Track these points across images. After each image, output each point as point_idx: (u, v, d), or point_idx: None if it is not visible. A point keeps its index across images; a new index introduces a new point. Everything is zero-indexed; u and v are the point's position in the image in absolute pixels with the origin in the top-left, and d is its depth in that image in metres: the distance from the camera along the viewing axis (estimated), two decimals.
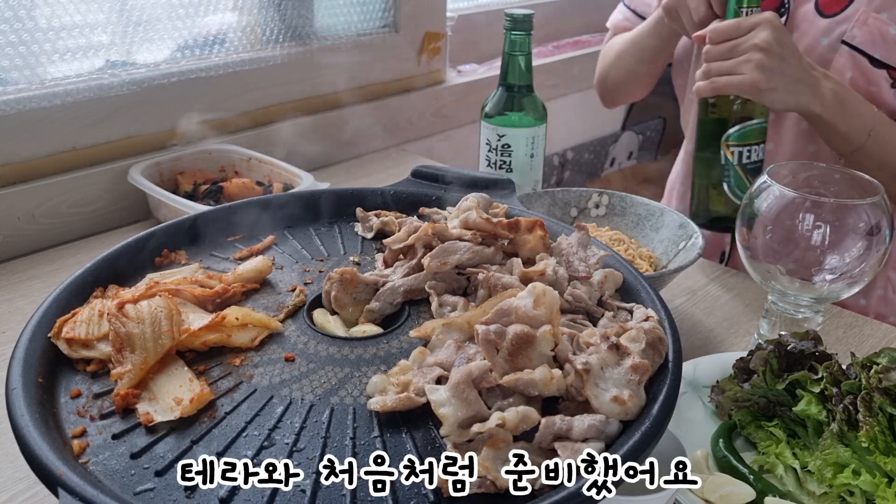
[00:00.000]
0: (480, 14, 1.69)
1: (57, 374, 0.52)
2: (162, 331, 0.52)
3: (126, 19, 1.09)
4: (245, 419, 0.48)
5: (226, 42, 1.21)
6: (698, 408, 0.72)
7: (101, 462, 0.45)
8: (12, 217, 0.99)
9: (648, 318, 0.54)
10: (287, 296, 0.61)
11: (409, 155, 1.43)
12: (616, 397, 0.46)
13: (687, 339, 0.85)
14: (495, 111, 0.99)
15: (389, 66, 1.43)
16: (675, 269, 0.78)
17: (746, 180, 0.94)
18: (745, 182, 0.94)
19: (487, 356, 0.48)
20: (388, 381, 0.49)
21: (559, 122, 1.65)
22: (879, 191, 0.70)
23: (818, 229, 0.70)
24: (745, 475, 0.62)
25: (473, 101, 1.57)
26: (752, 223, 0.74)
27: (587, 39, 1.91)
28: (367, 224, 0.72)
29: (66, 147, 1.05)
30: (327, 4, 1.32)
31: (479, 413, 0.45)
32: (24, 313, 0.83)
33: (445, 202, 0.73)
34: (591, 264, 0.61)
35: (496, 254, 0.61)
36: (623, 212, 0.94)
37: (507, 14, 0.95)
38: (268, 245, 0.70)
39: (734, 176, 0.95)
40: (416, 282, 0.60)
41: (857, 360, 0.64)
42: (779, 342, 0.67)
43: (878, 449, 0.58)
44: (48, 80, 1.02)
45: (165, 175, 1.08)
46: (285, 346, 0.55)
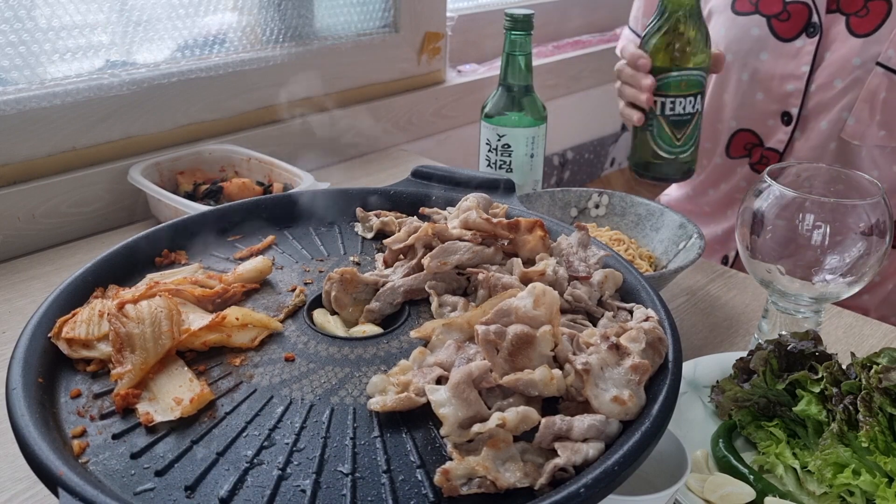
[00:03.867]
0: (480, 14, 1.68)
1: (57, 374, 0.52)
2: (162, 331, 0.52)
3: (126, 19, 1.09)
4: (245, 419, 0.48)
5: (226, 42, 1.21)
6: (698, 408, 0.72)
7: (101, 462, 0.45)
8: (12, 217, 0.99)
9: (648, 318, 0.54)
10: (287, 296, 0.61)
11: (409, 155, 1.43)
12: (616, 397, 0.46)
13: (687, 339, 0.85)
14: (495, 111, 0.99)
15: (389, 66, 1.43)
16: (675, 269, 0.78)
17: (671, 133, 0.93)
18: (668, 134, 0.93)
19: (487, 356, 0.48)
20: (389, 381, 0.49)
21: (559, 122, 1.65)
22: (879, 191, 0.70)
23: (818, 229, 0.70)
24: (745, 475, 0.62)
25: (473, 101, 1.57)
26: (751, 223, 0.74)
27: (587, 39, 1.91)
28: (367, 224, 0.72)
29: (66, 147, 1.05)
30: (327, 4, 1.32)
31: (480, 413, 0.45)
32: (24, 313, 0.83)
33: (445, 202, 0.73)
34: (591, 264, 0.61)
35: (496, 254, 0.61)
36: (623, 212, 0.94)
37: (507, 14, 0.95)
38: (268, 245, 0.70)
39: (656, 126, 0.94)
40: (416, 282, 0.60)
41: (857, 360, 0.64)
42: (779, 342, 0.67)
43: (878, 449, 0.58)
44: (48, 80, 1.02)
45: (165, 175, 1.08)
46: (285, 346, 0.55)
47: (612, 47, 1.91)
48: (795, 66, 1.04)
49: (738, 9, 1.08)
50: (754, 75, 1.08)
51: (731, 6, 1.09)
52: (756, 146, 1.13)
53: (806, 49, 1.03)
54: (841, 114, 1.02)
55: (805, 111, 1.06)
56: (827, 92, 1.03)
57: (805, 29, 1.03)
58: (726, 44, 1.08)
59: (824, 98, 1.03)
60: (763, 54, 1.06)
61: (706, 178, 1.23)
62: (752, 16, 1.06)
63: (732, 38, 1.08)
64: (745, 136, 1.13)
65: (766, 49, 1.06)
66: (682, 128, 0.93)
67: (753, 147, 1.13)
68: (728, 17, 1.09)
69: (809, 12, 1.02)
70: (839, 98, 1.02)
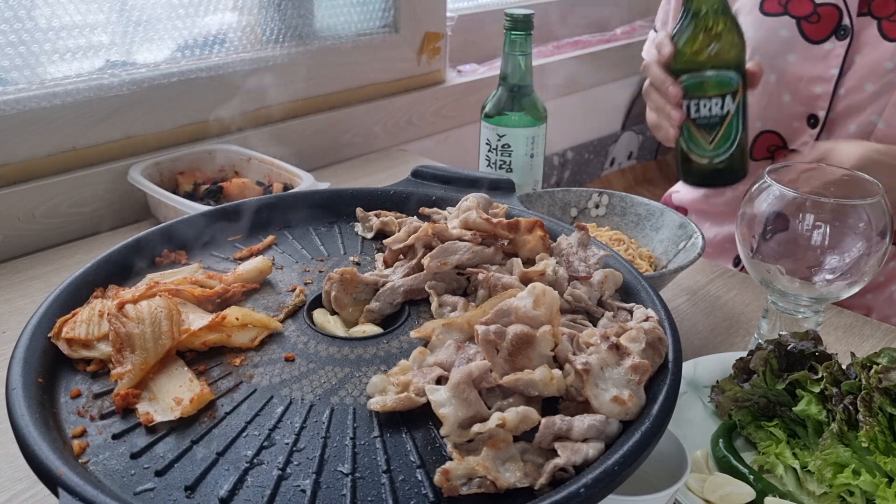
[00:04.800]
0: (480, 14, 1.68)
1: (57, 374, 0.52)
2: (162, 331, 0.52)
3: (126, 19, 1.09)
4: (245, 419, 0.48)
5: (226, 42, 1.21)
6: (698, 408, 0.72)
7: (101, 462, 0.45)
8: (12, 217, 0.99)
9: (648, 318, 0.54)
10: (287, 296, 0.61)
11: (409, 155, 1.43)
12: (616, 397, 0.46)
13: (687, 339, 0.85)
14: (495, 111, 0.99)
15: (389, 66, 1.43)
16: (675, 269, 0.78)
17: (700, 136, 0.88)
18: (698, 138, 0.89)
19: (487, 356, 0.48)
20: (388, 381, 0.49)
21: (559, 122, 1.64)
22: (879, 191, 0.70)
23: (818, 229, 0.70)
24: (745, 475, 0.62)
25: (473, 101, 1.57)
26: (752, 223, 0.74)
27: (587, 39, 1.91)
28: (367, 224, 0.72)
29: (66, 147, 1.05)
30: (327, 4, 1.32)
31: (480, 413, 0.45)
32: (24, 313, 0.83)
33: (445, 202, 0.73)
34: (591, 264, 0.61)
35: (496, 254, 0.61)
36: (623, 212, 0.94)
37: (507, 14, 0.95)
38: (268, 245, 0.70)
39: (685, 129, 0.90)
40: (416, 282, 0.60)
41: (857, 360, 0.64)
42: (779, 342, 0.67)
43: (878, 449, 0.58)
44: (48, 80, 1.02)
45: (165, 175, 1.08)
46: (285, 346, 0.55)
47: (612, 47, 1.91)
48: (824, 69, 1.03)
49: (766, 10, 1.07)
50: (781, 77, 1.07)
51: (759, 6, 1.08)
52: (780, 148, 1.12)
53: (835, 52, 1.02)
54: (871, 117, 1.01)
55: (833, 114, 1.05)
56: (857, 95, 1.02)
57: (835, 31, 1.02)
58: (753, 44, 1.07)
59: (854, 101, 1.02)
60: (791, 56, 1.05)
61: None
62: (780, 17, 1.05)
63: (760, 39, 1.07)
64: (769, 137, 1.12)
65: (794, 51, 1.05)
66: (711, 130, 0.88)
67: (777, 149, 1.12)
68: (756, 17, 1.07)
69: (840, 15, 1.01)
70: (870, 102, 1.01)
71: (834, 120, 1.05)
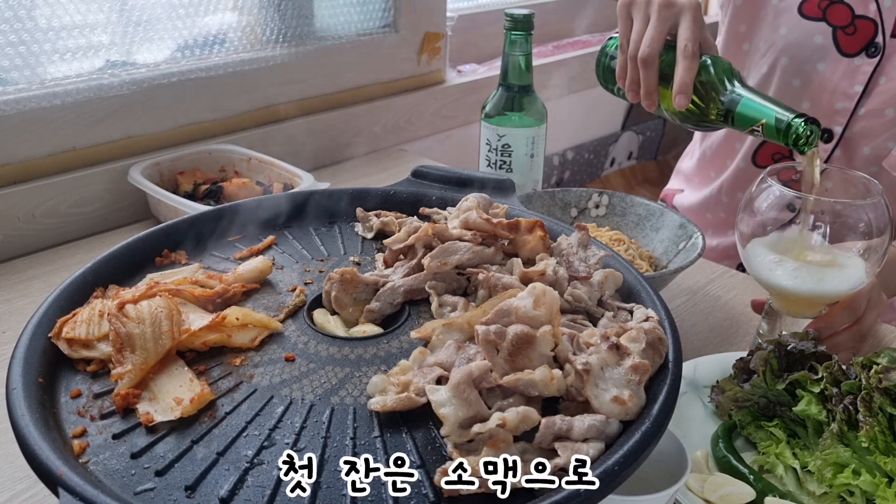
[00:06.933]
0: (480, 14, 1.68)
1: (57, 374, 0.52)
2: (162, 331, 0.52)
3: (126, 19, 1.09)
4: (245, 419, 0.48)
5: (226, 42, 1.21)
6: (698, 408, 0.72)
7: (102, 462, 0.45)
8: (12, 217, 0.99)
9: (648, 318, 0.54)
10: (287, 296, 0.61)
11: (409, 155, 1.43)
12: (616, 397, 0.46)
13: (687, 339, 0.85)
14: (495, 111, 0.99)
15: (389, 66, 1.43)
16: (675, 270, 0.78)
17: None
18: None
19: (487, 356, 0.48)
20: (389, 381, 0.49)
21: (559, 122, 1.64)
22: (879, 191, 0.70)
23: (818, 229, 0.70)
24: (745, 475, 0.62)
25: (473, 101, 1.57)
26: (752, 223, 0.74)
27: (587, 39, 1.91)
28: (367, 224, 0.72)
29: (66, 147, 1.05)
30: (327, 4, 1.32)
31: (480, 413, 0.45)
32: (24, 313, 0.83)
33: (445, 202, 0.73)
34: (591, 264, 0.61)
35: (496, 254, 0.61)
36: (623, 212, 0.94)
37: (507, 14, 0.95)
38: (268, 245, 0.70)
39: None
40: (416, 282, 0.60)
41: (857, 360, 0.64)
42: (779, 342, 0.67)
43: (878, 449, 0.58)
44: (48, 80, 1.02)
45: (165, 175, 1.08)
46: (285, 346, 0.55)
47: None
48: (849, 85, 1.00)
49: (805, 12, 1.02)
50: (807, 84, 1.03)
51: (797, 7, 1.03)
52: (784, 159, 1.09)
53: (863, 69, 0.99)
54: (887, 143, 1.00)
55: (849, 132, 1.03)
56: (876, 119, 1.00)
57: (867, 47, 0.99)
58: (784, 45, 1.03)
59: (872, 124, 1.00)
60: (821, 64, 1.02)
61: (725, 181, 1.19)
62: (818, 22, 1.01)
63: (793, 41, 1.03)
64: (775, 145, 1.08)
65: (825, 60, 1.01)
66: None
67: (782, 159, 1.09)
68: (793, 17, 1.03)
69: (875, 31, 0.99)
70: (888, 127, 0.99)
71: (849, 139, 1.03)
